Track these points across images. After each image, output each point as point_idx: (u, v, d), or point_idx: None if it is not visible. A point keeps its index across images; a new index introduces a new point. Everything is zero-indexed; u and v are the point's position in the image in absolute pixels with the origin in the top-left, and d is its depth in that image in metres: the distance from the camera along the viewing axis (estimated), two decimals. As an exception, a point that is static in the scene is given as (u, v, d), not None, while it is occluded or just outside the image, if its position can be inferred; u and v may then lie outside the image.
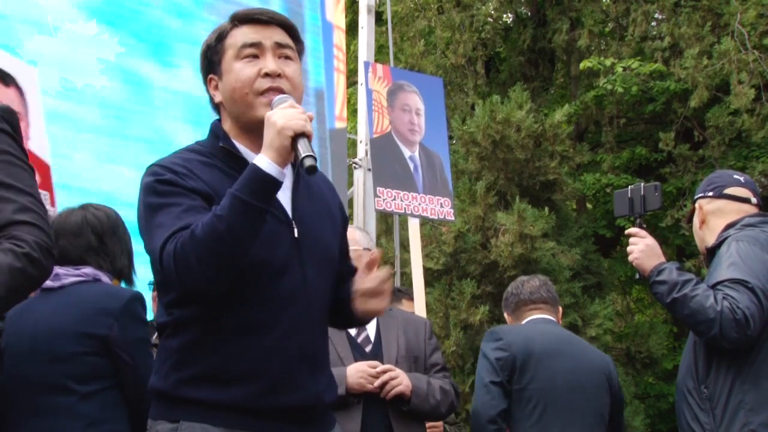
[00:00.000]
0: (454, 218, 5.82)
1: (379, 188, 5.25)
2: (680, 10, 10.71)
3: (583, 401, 3.62)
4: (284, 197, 2.12)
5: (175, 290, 2.06)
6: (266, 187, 1.94)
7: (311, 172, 1.96)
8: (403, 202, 5.31)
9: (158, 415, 2.09)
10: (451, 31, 12.28)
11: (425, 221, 7.58)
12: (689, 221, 3.36)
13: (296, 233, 2.12)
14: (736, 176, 3.26)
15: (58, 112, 4.59)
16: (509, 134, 8.95)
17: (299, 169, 2.17)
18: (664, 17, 11.20)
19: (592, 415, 3.64)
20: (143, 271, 2.95)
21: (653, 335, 9.64)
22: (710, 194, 3.21)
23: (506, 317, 3.98)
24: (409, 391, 3.31)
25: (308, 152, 1.95)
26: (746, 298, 2.81)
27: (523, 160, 9.00)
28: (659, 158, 11.32)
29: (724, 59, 9.83)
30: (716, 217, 3.17)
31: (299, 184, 2.20)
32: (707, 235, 3.19)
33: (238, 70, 2.14)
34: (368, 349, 3.41)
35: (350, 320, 2.33)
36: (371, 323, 3.45)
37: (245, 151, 2.16)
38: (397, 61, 11.63)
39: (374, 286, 2.20)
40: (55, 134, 4.50)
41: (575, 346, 3.79)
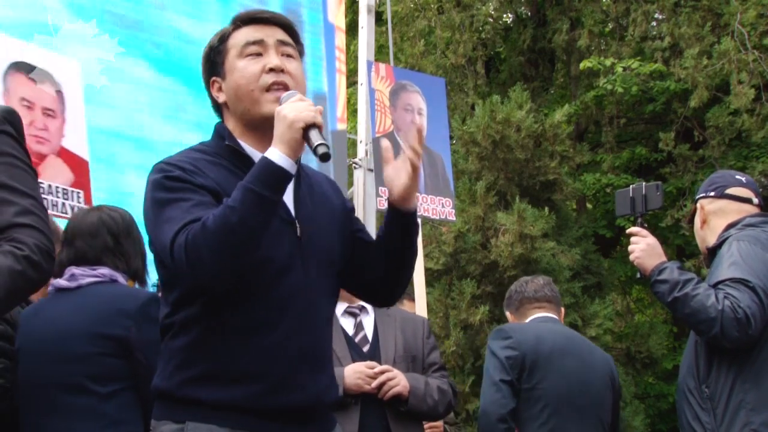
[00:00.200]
0: (455, 219, 5.82)
1: (381, 188, 5.25)
2: (680, 10, 10.71)
3: (590, 401, 3.62)
4: (287, 198, 2.11)
5: (181, 286, 2.05)
6: (278, 179, 1.95)
7: (325, 159, 1.96)
8: (404, 201, 5.29)
9: (162, 415, 2.08)
10: (451, 31, 12.28)
11: (426, 221, 7.57)
12: (690, 221, 3.36)
13: (299, 232, 2.12)
14: (737, 176, 3.26)
15: (58, 112, 4.59)
16: (509, 134, 8.95)
17: (300, 170, 2.18)
18: (664, 17, 11.21)
19: (598, 415, 3.64)
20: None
21: (653, 335, 9.64)
22: (712, 194, 3.20)
23: (508, 316, 3.96)
24: (406, 391, 3.30)
25: (321, 140, 1.97)
26: (747, 297, 2.81)
27: (523, 160, 9.01)
28: (659, 158, 11.32)
29: (724, 59, 9.83)
30: (717, 217, 3.16)
31: (300, 185, 2.20)
32: (708, 235, 3.19)
33: (242, 67, 2.15)
34: (366, 348, 3.40)
35: (389, 275, 2.26)
36: (369, 323, 3.45)
37: (250, 150, 2.16)
38: (397, 61, 11.62)
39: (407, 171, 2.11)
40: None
41: (582, 345, 3.79)
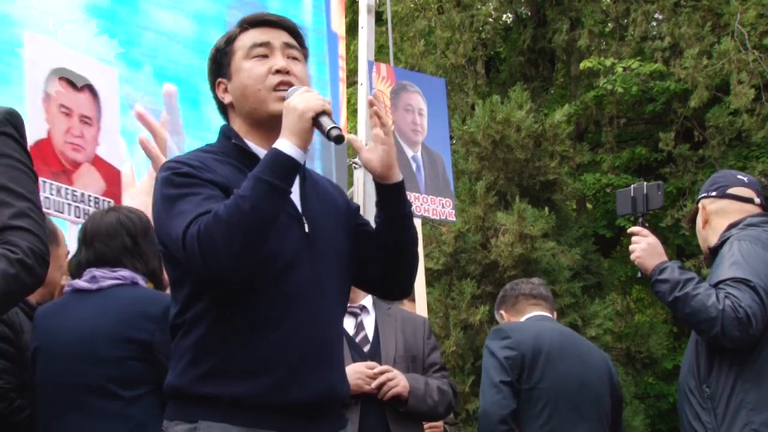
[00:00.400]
0: (455, 219, 5.83)
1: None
2: (680, 10, 10.71)
3: (590, 401, 3.62)
4: (294, 195, 2.13)
5: (191, 282, 2.06)
6: (288, 169, 1.99)
7: (339, 141, 2.01)
8: (404, 201, 5.30)
9: (174, 415, 2.08)
10: (451, 31, 12.28)
11: (426, 221, 7.57)
12: (691, 221, 3.35)
13: (306, 228, 2.14)
14: (739, 176, 3.26)
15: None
16: (509, 134, 8.95)
17: (304, 171, 2.21)
18: (664, 17, 11.20)
19: (598, 414, 3.64)
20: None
21: (653, 335, 9.64)
22: (713, 194, 3.20)
23: (503, 314, 3.94)
24: (406, 392, 3.29)
25: (332, 125, 2.02)
26: (748, 297, 2.81)
27: (523, 160, 9.01)
28: (659, 158, 11.31)
29: (724, 59, 9.83)
30: (719, 216, 3.16)
31: (305, 184, 2.22)
32: (710, 234, 3.19)
33: (249, 68, 2.18)
34: (366, 348, 3.39)
35: (397, 257, 2.32)
36: (370, 323, 3.45)
37: (256, 148, 2.18)
38: (397, 61, 11.62)
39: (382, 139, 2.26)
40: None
41: (580, 344, 3.80)
